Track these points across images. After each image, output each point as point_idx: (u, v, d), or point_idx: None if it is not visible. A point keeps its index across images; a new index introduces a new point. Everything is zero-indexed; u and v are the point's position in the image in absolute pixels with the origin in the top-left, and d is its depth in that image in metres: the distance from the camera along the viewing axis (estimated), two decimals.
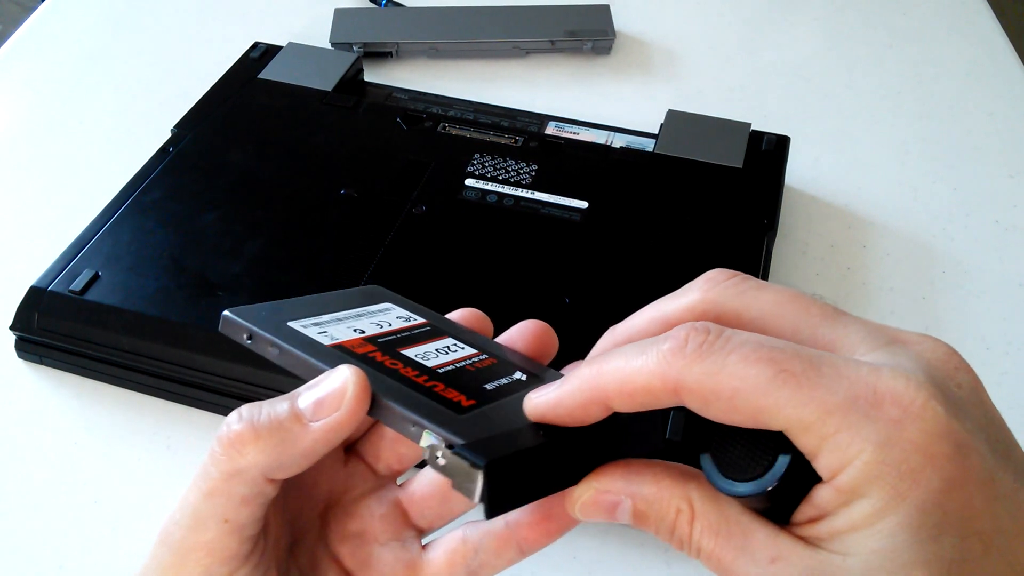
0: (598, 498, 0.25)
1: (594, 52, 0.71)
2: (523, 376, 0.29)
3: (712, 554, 0.23)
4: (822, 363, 0.21)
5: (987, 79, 0.69)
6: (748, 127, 0.58)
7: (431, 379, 0.27)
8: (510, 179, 0.53)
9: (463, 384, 0.27)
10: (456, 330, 0.31)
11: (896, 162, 0.62)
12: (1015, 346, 0.50)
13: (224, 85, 0.60)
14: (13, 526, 0.42)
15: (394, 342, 0.29)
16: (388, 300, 0.33)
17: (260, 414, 0.25)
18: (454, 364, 0.29)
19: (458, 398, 0.26)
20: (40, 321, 0.46)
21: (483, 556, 0.28)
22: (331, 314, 0.30)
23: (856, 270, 0.55)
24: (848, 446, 0.20)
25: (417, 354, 0.28)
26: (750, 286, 0.24)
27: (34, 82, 0.68)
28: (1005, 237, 0.57)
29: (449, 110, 0.59)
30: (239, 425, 0.25)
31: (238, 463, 0.25)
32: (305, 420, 0.25)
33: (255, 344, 0.28)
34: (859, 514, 0.20)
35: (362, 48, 0.68)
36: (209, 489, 0.25)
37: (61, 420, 0.46)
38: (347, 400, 0.25)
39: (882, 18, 0.76)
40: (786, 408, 0.21)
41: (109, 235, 0.49)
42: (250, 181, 0.53)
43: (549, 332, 0.31)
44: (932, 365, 0.22)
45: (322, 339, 0.28)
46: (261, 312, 0.29)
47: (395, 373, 0.27)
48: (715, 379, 0.21)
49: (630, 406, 0.23)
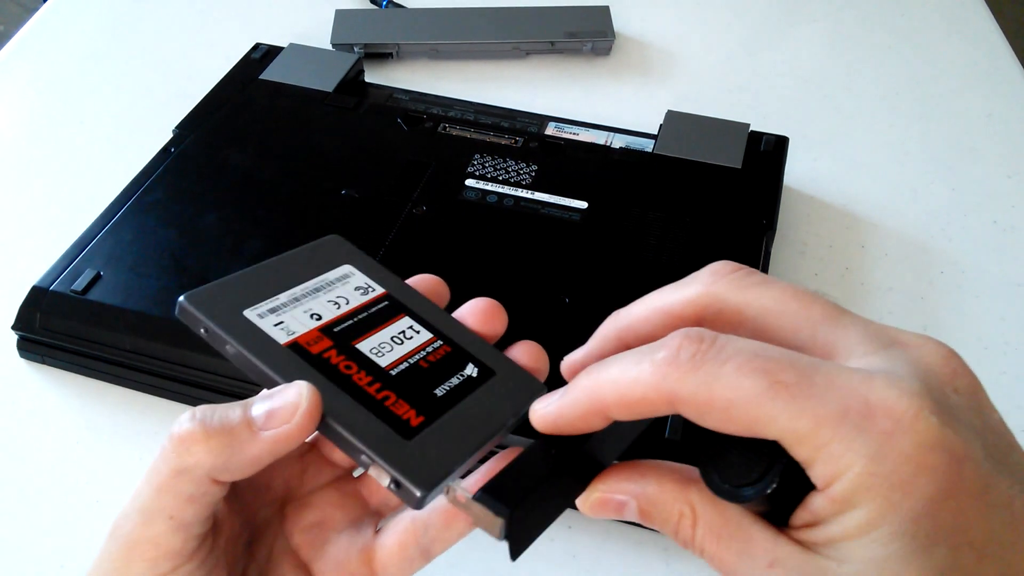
0: (605, 499, 0.26)
1: (594, 53, 0.71)
2: (474, 371, 0.30)
3: (714, 556, 0.24)
4: (816, 373, 0.21)
5: (985, 80, 0.69)
6: (747, 127, 0.58)
7: (383, 386, 0.28)
8: (510, 179, 0.53)
9: (414, 392, 0.28)
10: (414, 303, 0.32)
11: (895, 162, 0.62)
12: (1013, 346, 0.50)
13: (225, 86, 0.61)
14: (15, 526, 0.42)
15: (351, 330, 0.29)
16: (348, 260, 0.33)
17: (212, 416, 0.25)
18: (408, 360, 0.29)
19: (407, 414, 0.27)
20: (42, 321, 0.46)
21: (433, 532, 0.29)
22: (289, 291, 0.30)
23: (855, 270, 0.55)
24: (840, 457, 0.20)
25: (372, 348, 0.29)
26: (754, 281, 0.24)
27: (36, 83, 0.68)
28: (1003, 237, 0.57)
29: (449, 111, 0.59)
30: (190, 424, 0.25)
31: (185, 461, 0.25)
32: (255, 428, 0.25)
33: (210, 338, 0.28)
34: (853, 523, 0.21)
35: (363, 49, 0.69)
36: (158, 484, 0.25)
37: (63, 420, 0.46)
38: (298, 416, 0.25)
39: (881, 19, 0.76)
40: (780, 419, 0.21)
41: (111, 235, 0.49)
42: (251, 181, 0.53)
43: (499, 310, 0.32)
44: (930, 370, 0.22)
45: (278, 335, 0.28)
46: (217, 296, 0.29)
47: (347, 381, 0.27)
48: (709, 390, 0.21)
49: (628, 416, 0.24)
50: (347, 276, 0.32)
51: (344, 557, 0.29)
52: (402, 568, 0.29)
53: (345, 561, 0.29)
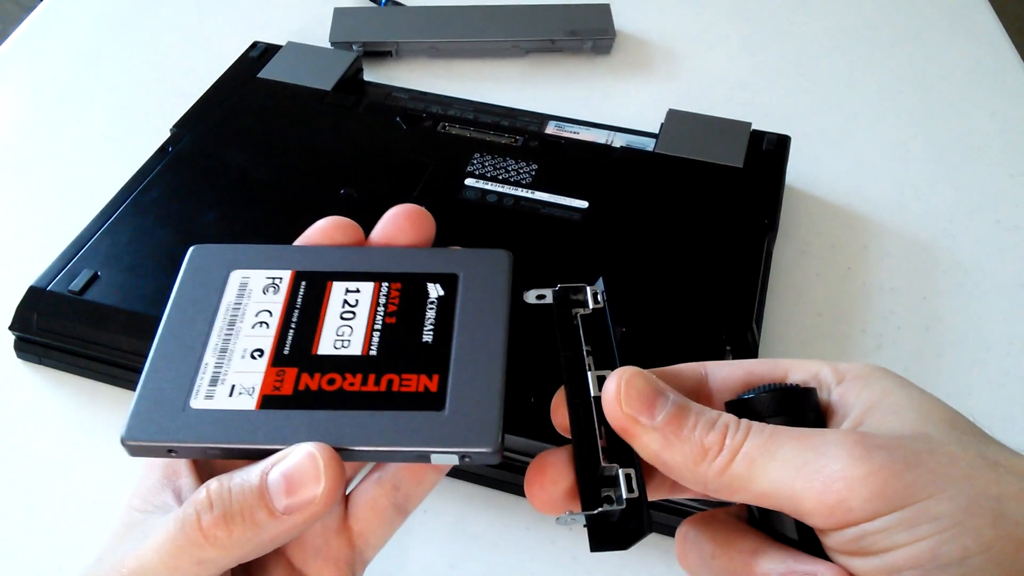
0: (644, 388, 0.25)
1: (594, 51, 0.71)
2: (439, 289, 0.27)
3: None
4: None
5: (988, 79, 0.69)
6: (749, 126, 0.58)
7: (379, 374, 0.25)
8: (510, 179, 0.53)
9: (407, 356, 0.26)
10: (328, 261, 0.29)
11: (897, 162, 0.62)
12: (1016, 346, 0.50)
13: (223, 84, 0.60)
14: (12, 526, 0.42)
15: (300, 342, 0.26)
16: (229, 265, 0.29)
17: (231, 501, 0.24)
18: (375, 328, 0.26)
19: (422, 383, 0.25)
20: (39, 321, 0.46)
21: (405, 489, 0.28)
22: (208, 347, 0.26)
23: (857, 270, 0.54)
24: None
25: (335, 343, 0.26)
26: None
27: (33, 82, 0.68)
28: (1006, 237, 0.57)
29: (449, 109, 0.59)
30: (209, 517, 0.24)
31: (208, 554, 0.24)
32: (277, 513, 0.24)
33: (182, 454, 0.25)
34: None
35: (362, 47, 0.68)
36: (173, 566, 0.24)
37: (60, 420, 0.46)
38: (321, 492, 0.24)
39: (883, 17, 0.76)
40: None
41: (108, 235, 0.49)
42: (249, 181, 0.52)
43: (420, 213, 0.30)
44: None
45: (242, 403, 0.25)
46: (153, 409, 0.26)
47: (343, 396, 0.25)
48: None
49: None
50: (245, 284, 0.28)
51: (322, 542, 0.28)
52: (382, 530, 0.28)
53: (324, 545, 0.28)
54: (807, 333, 0.50)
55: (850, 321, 0.51)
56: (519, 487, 0.42)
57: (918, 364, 0.49)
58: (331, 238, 0.30)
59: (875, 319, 0.51)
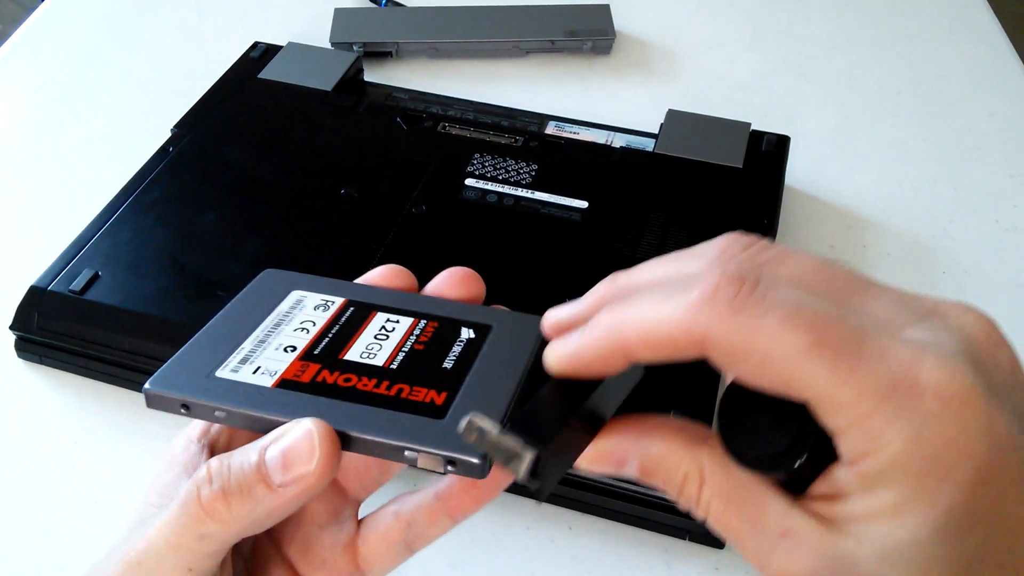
0: (606, 453, 0.24)
1: (594, 52, 0.71)
2: (471, 333, 0.29)
3: (721, 520, 0.22)
4: (865, 337, 0.19)
5: (988, 79, 0.69)
6: (748, 127, 0.58)
7: (392, 382, 0.27)
8: (510, 179, 0.53)
9: (424, 374, 0.27)
10: (380, 298, 0.31)
11: (896, 162, 0.62)
12: (1016, 346, 0.50)
13: (224, 85, 0.60)
14: (12, 526, 0.42)
15: (332, 347, 0.28)
16: (292, 286, 0.31)
17: (230, 477, 0.25)
18: (402, 349, 0.28)
19: (429, 396, 0.26)
20: (40, 321, 0.46)
21: (417, 528, 0.28)
22: (249, 337, 0.29)
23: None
24: (879, 433, 0.19)
25: (362, 354, 0.28)
26: (769, 257, 0.22)
27: (34, 82, 0.68)
28: (1005, 237, 0.57)
29: (449, 110, 0.59)
30: (209, 491, 0.25)
31: (209, 528, 0.25)
32: (275, 487, 0.24)
33: (194, 412, 0.26)
34: (880, 503, 0.20)
35: (362, 48, 0.68)
36: (176, 544, 0.25)
37: (61, 420, 0.46)
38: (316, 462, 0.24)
39: (882, 18, 0.76)
40: (818, 382, 0.19)
41: (109, 235, 0.49)
42: (250, 181, 0.53)
43: (472, 276, 0.31)
44: (974, 344, 0.20)
45: (261, 380, 0.27)
46: (181, 370, 0.27)
47: (354, 392, 0.26)
48: (746, 338, 0.20)
49: (652, 358, 0.22)
50: (300, 301, 0.31)
51: (329, 555, 0.29)
52: (387, 563, 0.29)
53: (331, 559, 0.29)
54: None
55: None
56: (519, 486, 0.42)
57: None
58: (388, 282, 0.31)
59: None
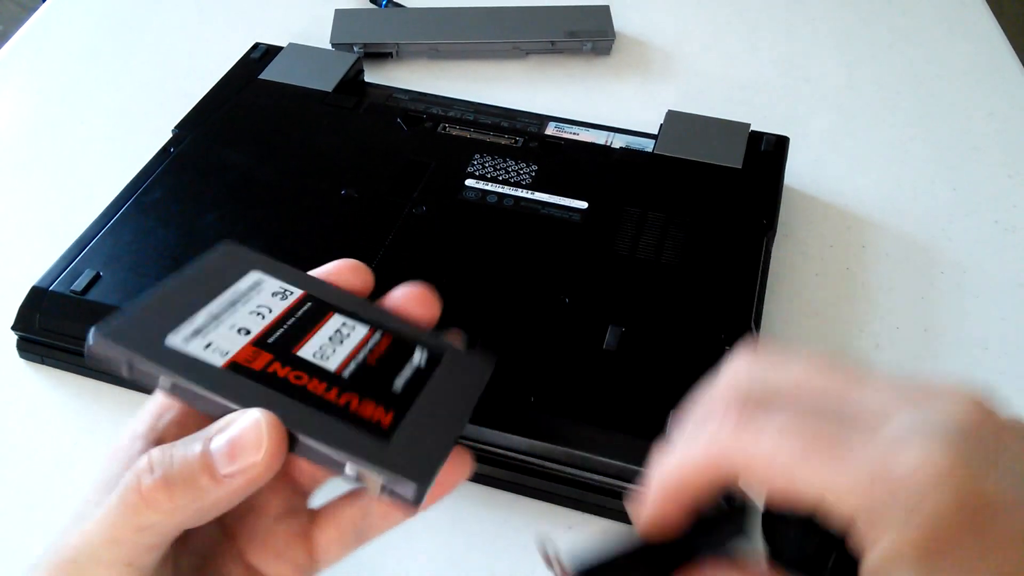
0: None
1: (594, 53, 0.71)
2: (422, 358, 0.29)
3: None
4: (852, 434, 0.21)
5: (986, 79, 0.69)
6: (747, 127, 0.58)
7: (341, 391, 0.27)
8: (510, 179, 0.53)
9: (374, 390, 0.27)
10: (338, 298, 0.30)
11: (895, 162, 0.62)
12: (1014, 346, 0.50)
13: (225, 86, 0.61)
14: (13, 526, 0.42)
15: (286, 339, 0.28)
16: (251, 266, 0.31)
17: (172, 465, 0.24)
18: (355, 359, 0.28)
19: (377, 415, 0.26)
20: (42, 321, 0.46)
21: (370, 520, 0.29)
22: (205, 308, 0.28)
23: (855, 270, 0.55)
24: (876, 523, 0.20)
25: (315, 353, 0.28)
26: (771, 372, 0.24)
27: (35, 82, 0.68)
28: (1004, 237, 0.57)
29: (449, 110, 0.59)
30: (150, 480, 0.24)
31: (149, 519, 0.24)
32: (219, 476, 0.24)
33: (136, 374, 0.26)
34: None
35: (362, 49, 0.69)
36: (113, 537, 0.24)
37: (62, 420, 0.46)
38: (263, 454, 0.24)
39: (881, 18, 0.76)
40: (815, 482, 0.21)
41: (110, 235, 0.49)
42: (250, 181, 0.53)
43: (430, 295, 0.31)
44: (961, 422, 0.21)
45: (212, 358, 0.26)
46: (130, 328, 0.26)
47: (303, 392, 0.26)
48: (753, 452, 0.22)
49: (698, 494, 0.24)
50: (259, 283, 0.30)
51: (284, 546, 0.29)
52: (340, 552, 0.29)
53: (286, 550, 0.29)
54: (806, 333, 0.51)
55: (848, 321, 0.51)
56: (519, 486, 0.42)
57: (916, 364, 0.49)
58: (346, 276, 0.31)
59: (873, 319, 0.52)
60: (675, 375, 0.43)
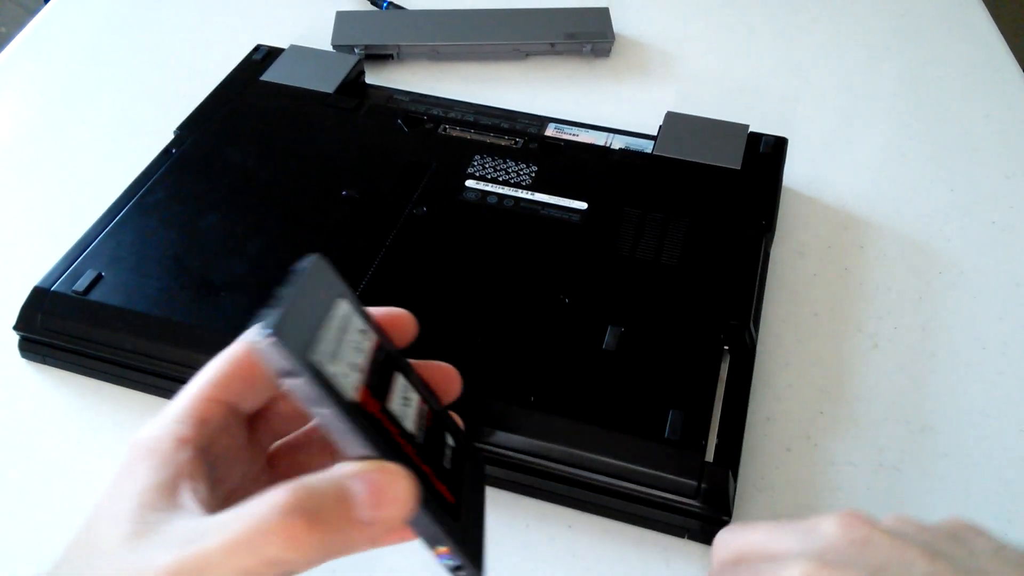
0: None
1: (593, 54, 0.71)
2: (452, 440, 0.30)
3: None
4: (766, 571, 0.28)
5: (984, 81, 0.70)
6: (746, 129, 0.58)
7: (423, 460, 0.27)
8: (510, 180, 0.53)
9: (438, 464, 0.28)
10: (396, 354, 0.30)
11: (893, 163, 0.63)
12: (1011, 346, 0.50)
13: (226, 87, 0.61)
14: (15, 526, 0.42)
15: (379, 388, 0.27)
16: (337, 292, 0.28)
17: (319, 508, 0.24)
18: (418, 426, 0.28)
19: (443, 491, 0.27)
20: (44, 321, 0.46)
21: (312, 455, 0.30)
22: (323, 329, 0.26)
23: (853, 271, 0.55)
24: None
25: (395, 410, 0.27)
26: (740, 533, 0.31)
27: (37, 84, 0.68)
28: (1002, 238, 0.57)
29: (450, 112, 0.60)
30: (295, 517, 0.23)
31: (287, 556, 0.23)
32: (361, 522, 0.24)
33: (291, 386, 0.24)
34: None
35: (363, 50, 0.69)
36: (242, 567, 0.23)
37: (64, 420, 0.46)
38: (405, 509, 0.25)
39: (879, 20, 0.76)
40: None
41: (112, 236, 0.49)
42: (252, 182, 0.53)
43: (459, 381, 0.32)
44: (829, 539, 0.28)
45: (347, 389, 0.25)
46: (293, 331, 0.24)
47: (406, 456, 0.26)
48: None
49: None
50: (348, 316, 0.28)
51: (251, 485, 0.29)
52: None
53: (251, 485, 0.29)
54: (804, 333, 0.51)
55: (847, 321, 0.52)
56: (519, 485, 0.43)
57: (914, 364, 0.49)
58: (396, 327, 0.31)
59: (871, 319, 0.52)
60: (674, 375, 0.43)
